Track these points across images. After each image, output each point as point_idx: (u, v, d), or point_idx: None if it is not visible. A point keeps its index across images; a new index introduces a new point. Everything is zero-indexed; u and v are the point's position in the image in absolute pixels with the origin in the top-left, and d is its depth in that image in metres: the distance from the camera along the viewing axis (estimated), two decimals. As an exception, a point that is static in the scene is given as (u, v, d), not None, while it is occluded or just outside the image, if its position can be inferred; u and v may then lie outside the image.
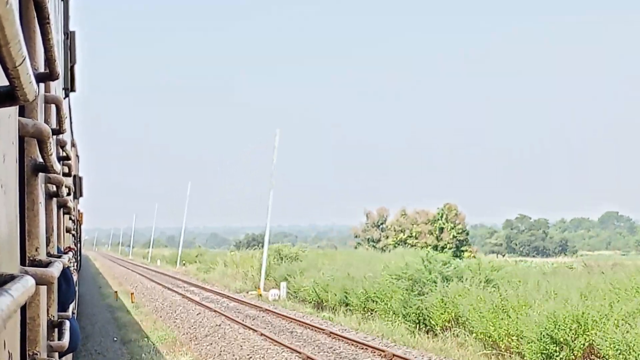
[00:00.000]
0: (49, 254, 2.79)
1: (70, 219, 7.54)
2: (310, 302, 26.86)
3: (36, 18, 1.82)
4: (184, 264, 60.09)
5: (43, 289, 2.44)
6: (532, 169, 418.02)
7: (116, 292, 30.57)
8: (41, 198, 2.37)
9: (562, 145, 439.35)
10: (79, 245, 13.50)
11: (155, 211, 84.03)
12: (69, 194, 5.40)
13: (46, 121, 2.85)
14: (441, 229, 58.17)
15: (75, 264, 9.95)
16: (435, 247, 51.53)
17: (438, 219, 58.37)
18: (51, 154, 2.28)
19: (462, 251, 55.31)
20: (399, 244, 56.45)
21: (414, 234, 60.16)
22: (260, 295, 30.53)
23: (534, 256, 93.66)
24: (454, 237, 57.50)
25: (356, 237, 65.98)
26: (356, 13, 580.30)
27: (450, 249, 55.13)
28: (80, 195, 12.23)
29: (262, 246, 36.79)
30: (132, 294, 30.03)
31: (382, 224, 64.68)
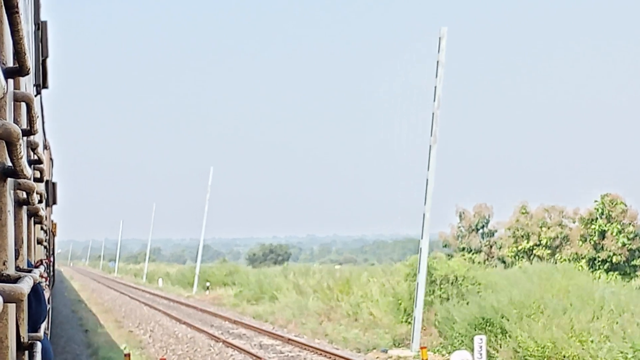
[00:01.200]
0: (18, 268, 2.77)
1: (42, 229, 7.53)
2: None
3: (3, 7, 1.81)
4: (207, 288, 47.72)
5: (11, 307, 2.42)
6: None
7: (127, 355, 15.14)
8: (10, 206, 2.35)
9: None
10: (52, 258, 13.48)
11: (152, 218, 73.68)
12: (40, 202, 5.38)
13: (15, 121, 2.83)
14: (602, 233, 43.06)
15: (48, 279, 9.93)
16: (592, 261, 40.57)
17: (596, 218, 43.13)
18: (21, 157, 2.26)
19: (636, 268, 40.72)
20: (521, 256, 44.22)
21: (546, 241, 45.38)
22: None
23: None
24: (623, 245, 42.30)
25: (445, 246, 51.43)
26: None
27: (616, 263, 41.24)
28: (54, 202, 12.22)
29: (284, 259, 36.71)
30: None
31: (482, 227, 51.08)
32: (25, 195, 3.26)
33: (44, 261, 6.98)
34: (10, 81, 2.56)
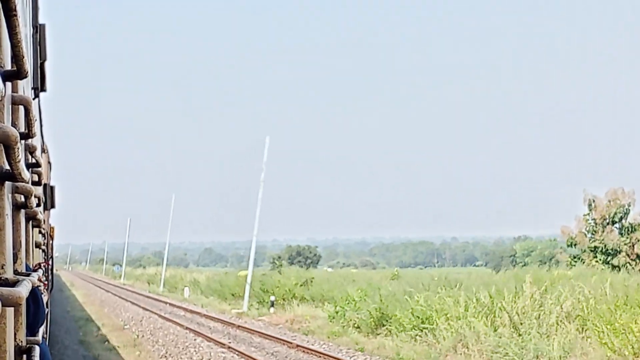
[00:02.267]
0: (16, 272, 2.78)
1: (40, 232, 7.53)
2: None
3: (1, 10, 1.82)
4: (272, 304, 32.79)
5: (10, 310, 2.43)
6: None
7: None
8: (8, 209, 2.36)
9: None
10: (50, 262, 13.49)
11: (170, 213, 59.04)
12: (38, 205, 5.40)
13: (13, 124, 2.84)
14: None
15: (46, 283, 9.94)
16: None
17: None
18: (19, 161, 2.27)
19: None
20: None
21: None
22: None
23: None
24: None
25: (571, 245, 38.31)
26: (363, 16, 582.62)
27: None
28: (52, 206, 12.23)
29: (312, 262, 31.94)
30: None
31: (620, 219, 37.37)
32: (23, 199, 3.27)
33: (42, 265, 6.98)
34: (8, 84, 2.57)
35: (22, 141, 3.28)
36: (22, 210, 3.39)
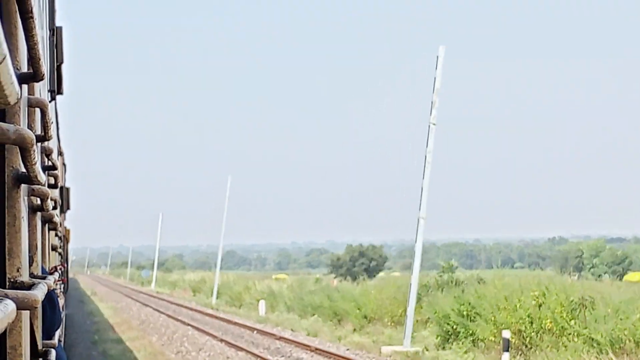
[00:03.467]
0: (32, 275, 2.79)
1: (56, 235, 7.57)
2: None
3: (18, 12, 1.82)
4: (449, 336, 20.32)
5: (25, 314, 2.44)
6: None
7: None
8: (24, 212, 2.37)
9: None
10: (66, 265, 13.57)
11: (224, 218, 46.27)
12: (54, 208, 5.42)
13: (30, 127, 2.85)
14: None
15: (62, 285, 9.99)
16: None
17: None
18: (35, 163, 2.27)
19: None
20: None
21: None
22: None
23: None
24: None
25: None
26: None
27: None
28: (68, 208, 12.30)
29: (379, 265, 24.34)
30: None
31: None
32: (39, 202, 3.28)
33: (58, 268, 7.02)
34: (25, 87, 2.58)
35: (38, 144, 3.30)
36: (38, 213, 3.41)
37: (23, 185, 2.35)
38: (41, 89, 3.85)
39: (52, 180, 4.65)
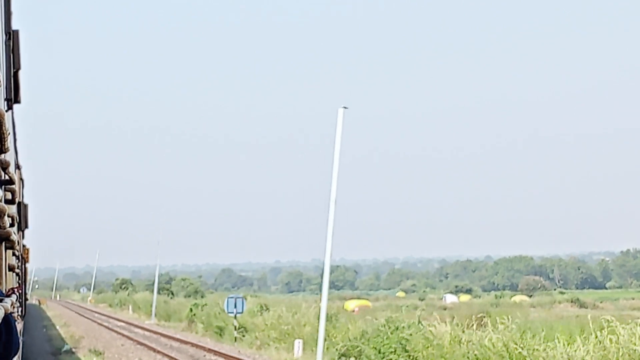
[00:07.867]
0: (-13, 299, 2.71)
1: (13, 254, 7.45)
2: None
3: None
4: None
5: (-20, 341, 2.36)
6: None
7: None
8: (-22, 230, 2.29)
9: None
10: (23, 287, 13.38)
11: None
12: (12, 225, 5.31)
13: (-16, 137, 2.77)
14: None
15: (20, 309, 9.83)
16: None
17: None
18: (-10, 177, 2.20)
19: None
20: None
21: None
22: None
23: None
24: None
25: None
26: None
27: None
28: (26, 226, 12.14)
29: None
30: None
31: None
32: (-5, 219, 3.20)
33: (15, 290, 6.90)
34: (-21, 94, 2.50)
35: (-6, 156, 3.21)
36: (-6, 231, 3.32)
37: (-23, 201, 2.28)
38: (-3, 97, 3.77)
39: (9, 196, 4.56)
